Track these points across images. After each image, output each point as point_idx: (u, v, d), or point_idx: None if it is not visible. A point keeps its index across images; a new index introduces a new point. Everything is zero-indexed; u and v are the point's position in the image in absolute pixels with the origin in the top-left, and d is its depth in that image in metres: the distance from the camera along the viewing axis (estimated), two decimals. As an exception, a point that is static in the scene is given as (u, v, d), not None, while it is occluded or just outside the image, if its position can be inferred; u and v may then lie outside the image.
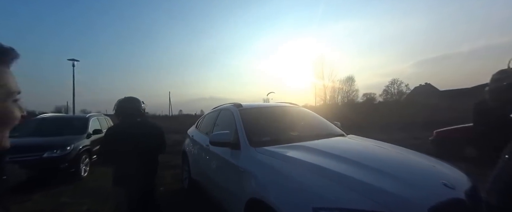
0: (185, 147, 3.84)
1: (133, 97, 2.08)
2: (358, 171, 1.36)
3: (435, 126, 6.40)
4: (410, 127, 11.37)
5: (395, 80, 38.73)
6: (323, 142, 1.99)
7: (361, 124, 11.73)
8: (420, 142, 7.37)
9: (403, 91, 38.48)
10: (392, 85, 39.01)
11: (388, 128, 11.61)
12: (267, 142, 1.95)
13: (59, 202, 3.26)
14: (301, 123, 2.58)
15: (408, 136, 9.17)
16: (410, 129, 10.80)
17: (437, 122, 10.05)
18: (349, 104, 28.76)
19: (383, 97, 39.18)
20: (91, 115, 5.94)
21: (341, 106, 27.09)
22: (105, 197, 3.17)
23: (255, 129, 2.18)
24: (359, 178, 1.28)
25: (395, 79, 38.78)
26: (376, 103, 32.76)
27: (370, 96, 39.61)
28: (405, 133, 9.90)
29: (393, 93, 39.11)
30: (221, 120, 2.79)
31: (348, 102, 33.07)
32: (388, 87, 39.26)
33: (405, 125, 11.98)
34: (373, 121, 13.28)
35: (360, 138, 2.30)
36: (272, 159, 1.66)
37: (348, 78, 36.57)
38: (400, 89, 38.71)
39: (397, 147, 1.99)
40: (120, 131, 1.97)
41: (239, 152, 1.95)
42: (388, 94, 39.46)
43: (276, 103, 3.18)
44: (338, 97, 36.44)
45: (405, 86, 38.31)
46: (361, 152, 1.82)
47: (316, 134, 2.24)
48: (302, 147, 1.80)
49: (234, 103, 2.72)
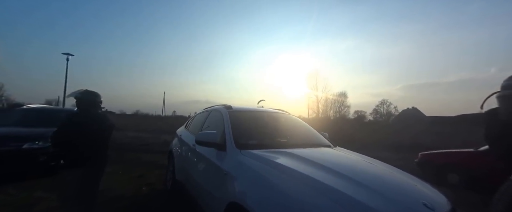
0: (172, 147, 3.76)
1: (91, 91, 2.29)
2: (342, 183, 1.35)
3: (420, 149, 6.54)
4: (397, 147, 11.58)
5: (384, 101, 39.98)
6: (309, 151, 1.98)
7: (350, 139, 11.88)
8: (405, 163, 7.49)
9: (391, 112, 39.65)
10: (382, 105, 40.21)
11: (375, 146, 11.79)
12: (253, 146, 1.93)
13: (32, 196, 3.07)
14: (290, 130, 2.58)
15: (394, 156, 9.32)
16: (396, 150, 11.00)
17: (423, 146, 10.31)
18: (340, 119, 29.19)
19: (373, 116, 40.17)
20: None
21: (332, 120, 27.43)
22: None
23: (242, 131, 2.15)
24: (343, 191, 1.26)
25: (384, 100, 40.10)
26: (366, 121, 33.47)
27: (361, 113, 40.53)
28: (391, 153, 10.07)
29: (382, 113, 40.19)
30: (211, 121, 2.75)
31: (339, 117, 33.59)
32: (378, 107, 40.43)
33: (391, 145, 12.21)
34: (362, 138, 13.47)
35: (346, 151, 2.31)
36: (256, 163, 1.63)
37: (341, 94, 37.37)
38: (389, 110, 39.90)
39: (382, 163, 2.00)
40: (73, 119, 2.18)
41: (225, 154, 1.91)
42: (377, 114, 40.54)
43: (266, 108, 3.17)
44: (330, 111, 37.03)
45: (394, 108, 39.52)
46: (346, 164, 1.81)
47: (303, 143, 2.24)
48: (287, 154, 1.78)
49: (224, 105, 2.70)
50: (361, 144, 11.52)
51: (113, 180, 3.87)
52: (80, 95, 2.21)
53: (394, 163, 2.01)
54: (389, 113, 39.66)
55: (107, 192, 3.22)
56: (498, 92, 0.86)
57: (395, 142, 12.98)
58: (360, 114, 40.26)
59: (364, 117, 39.35)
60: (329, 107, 37.05)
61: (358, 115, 39.88)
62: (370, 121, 36.67)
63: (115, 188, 3.51)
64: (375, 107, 40.47)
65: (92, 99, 2.26)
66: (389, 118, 38.20)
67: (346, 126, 19.19)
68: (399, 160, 8.49)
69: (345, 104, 37.51)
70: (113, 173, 4.37)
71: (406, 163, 6.78)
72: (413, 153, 6.58)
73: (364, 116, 39.88)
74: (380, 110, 40.41)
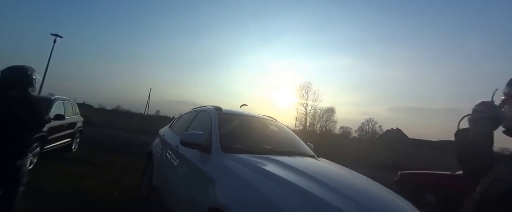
0: (152, 148, 3.54)
1: (18, 66, 1.83)
2: (324, 191, 1.36)
3: (400, 168, 6.73)
4: (378, 165, 11.86)
5: (370, 120, 41.25)
6: (293, 160, 1.98)
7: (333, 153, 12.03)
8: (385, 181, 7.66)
9: (376, 131, 40.80)
10: (367, 123, 41.38)
11: (358, 162, 12.00)
12: (238, 150, 1.91)
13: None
14: (276, 137, 2.59)
15: (376, 173, 9.51)
16: (378, 167, 11.25)
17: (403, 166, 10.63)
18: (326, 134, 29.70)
19: (358, 133, 41.16)
20: (57, 97, 5.18)
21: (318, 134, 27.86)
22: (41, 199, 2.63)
23: (230, 134, 2.13)
24: (325, 199, 1.26)
25: (370, 119, 41.36)
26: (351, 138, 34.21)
27: (346, 129, 41.53)
28: (373, 170, 10.28)
29: (367, 131, 41.30)
30: (198, 122, 2.69)
31: (325, 131, 34.18)
32: (363, 125, 41.55)
33: (374, 162, 12.49)
34: (346, 153, 13.70)
35: (330, 163, 2.33)
36: (240, 168, 1.61)
37: (329, 109, 38.28)
38: (374, 128, 41.07)
39: (364, 176, 2.04)
40: None
41: (209, 156, 1.87)
42: (362, 131, 41.60)
43: (256, 114, 3.16)
44: (317, 125, 37.68)
45: (378, 126, 40.76)
46: (329, 174, 1.83)
47: (289, 151, 2.25)
48: (272, 160, 1.77)
49: (214, 106, 2.66)
50: (344, 159, 11.71)
51: (81, 184, 3.56)
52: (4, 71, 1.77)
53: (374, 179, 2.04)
54: (373, 132, 40.84)
55: (71, 197, 2.93)
56: (469, 115, 0.97)
57: (377, 160, 13.31)
58: (346, 130, 41.29)
59: (349, 133, 40.35)
60: (316, 120, 37.78)
61: (343, 131, 40.88)
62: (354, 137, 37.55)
63: (82, 193, 3.20)
64: (360, 125, 41.63)
65: (14, 78, 1.78)
66: (373, 136, 39.28)
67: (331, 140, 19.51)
68: (380, 178, 8.65)
69: (332, 119, 38.39)
70: (83, 175, 4.05)
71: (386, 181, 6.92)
72: (394, 172, 6.75)
73: (349, 132, 40.90)
74: (365, 128, 41.56)
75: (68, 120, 5.32)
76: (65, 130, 5.24)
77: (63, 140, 5.22)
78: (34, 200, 2.50)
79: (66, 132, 5.33)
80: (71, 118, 5.64)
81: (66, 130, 5.32)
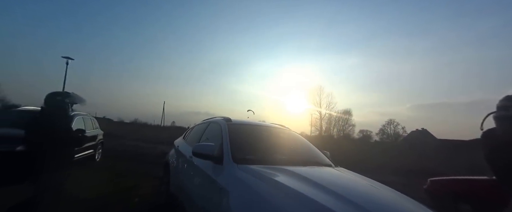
0: (168, 158, 3.69)
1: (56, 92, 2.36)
2: (343, 206, 1.26)
3: (430, 175, 6.20)
4: (404, 171, 11.11)
5: (391, 121, 39.02)
6: (309, 170, 1.90)
7: (354, 160, 11.50)
8: (413, 189, 7.13)
9: (399, 133, 38.52)
10: (389, 125, 39.22)
11: (381, 168, 11.35)
12: (251, 160, 1.87)
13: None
14: (290, 147, 2.52)
15: (402, 180, 8.91)
16: (404, 174, 10.54)
17: (432, 171, 9.86)
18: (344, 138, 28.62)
19: (379, 136, 39.15)
20: (77, 113, 5.59)
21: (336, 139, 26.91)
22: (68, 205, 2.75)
23: (241, 145, 2.11)
24: None
25: (391, 120, 39.09)
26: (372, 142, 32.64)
27: (366, 133, 39.68)
28: (399, 177, 9.64)
29: (389, 133, 39.15)
30: (209, 133, 2.72)
31: (343, 136, 33.00)
32: (384, 127, 39.42)
33: (399, 168, 11.74)
34: (367, 159, 13.02)
35: (349, 172, 2.20)
36: (253, 179, 1.57)
37: (345, 111, 36.91)
38: (397, 130, 38.83)
39: (387, 188, 1.88)
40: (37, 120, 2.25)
41: (221, 168, 1.86)
42: (384, 134, 39.49)
43: (267, 123, 3.12)
44: (334, 129, 36.50)
45: (401, 128, 38.44)
46: (347, 186, 1.71)
47: (303, 160, 2.16)
48: (286, 171, 1.71)
49: (224, 117, 2.68)
50: (366, 166, 11.14)
51: (104, 190, 3.79)
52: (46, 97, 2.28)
53: (400, 188, 1.87)
54: (396, 134, 38.59)
55: (96, 203, 3.12)
56: (494, 113, 0.86)
57: (403, 165, 12.48)
58: (366, 133, 39.49)
59: (370, 137, 38.54)
60: (332, 124, 36.66)
61: (363, 135, 39.13)
62: (376, 141, 35.77)
63: (106, 199, 3.41)
64: (381, 127, 39.56)
65: (55, 100, 2.29)
66: (397, 139, 37.13)
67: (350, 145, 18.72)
68: (406, 185, 8.10)
69: (350, 123, 36.98)
70: (107, 182, 4.29)
71: (413, 190, 6.46)
72: (422, 178, 6.24)
73: (370, 136, 39.07)
74: (387, 130, 39.42)
75: (89, 133, 5.72)
76: (87, 143, 5.60)
77: (86, 152, 5.64)
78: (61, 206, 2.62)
79: (89, 144, 5.73)
80: (92, 131, 6.08)
81: (88, 142, 5.71)
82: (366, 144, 25.49)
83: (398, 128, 38.66)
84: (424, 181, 5.70)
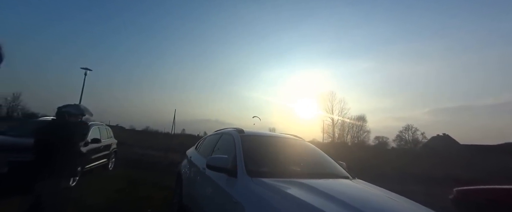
0: (181, 169, 3.70)
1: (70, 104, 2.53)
2: None
3: (455, 183, 5.78)
4: (427, 180, 10.45)
5: (409, 126, 37.26)
6: (325, 183, 1.83)
7: (371, 169, 11.00)
8: (437, 199, 6.67)
9: (418, 139, 36.63)
10: (406, 131, 37.44)
11: (401, 178, 10.75)
12: (265, 173, 1.83)
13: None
14: (304, 158, 2.45)
15: (424, 190, 8.37)
16: (426, 183, 9.91)
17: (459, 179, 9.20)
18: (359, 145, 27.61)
19: (396, 143, 37.45)
20: (93, 123, 5.80)
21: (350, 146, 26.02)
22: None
23: (255, 157, 2.08)
24: None
25: (409, 125, 37.32)
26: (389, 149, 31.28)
27: (382, 140, 38.13)
28: (421, 187, 9.06)
29: (408, 140, 37.35)
30: (222, 144, 2.71)
31: (358, 142, 31.90)
32: (402, 133, 37.68)
33: (420, 177, 11.07)
34: (385, 167, 12.43)
35: (367, 184, 2.09)
36: (268, 193, 1.53)
37: (359, 117, 35.81)
38: (415, 136, 36.96)
39: (409, 201, 1.77)
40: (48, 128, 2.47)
41: (235, 181, 1.83)
42: (402, 140, 37.72)
43: (280, 134, 3.05)
44: (348, 136, 35.40)
45: (421, 134, 36.54)
46: (367, 200, 1.63)
47: (319, 173, 2.10)
48: (302, 185, 1.65)
49: (236, 128, 2.67)
50: (384, 174, 10.61)
51: (117, 199, 3.85)
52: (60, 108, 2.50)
53: (423, 199, 1.74)
54: (415, 140, 36.73)
55: None
56: None
57: (424, 173, 11.79)
58: (382, 140, 37.99)
59: (386, 144, 37.00)
60: (346, 131, 35.64)
61: (379, 142, 37.66)
62: (393, 148, 34.23)
63: (119, 209, 3.46)
64: (398, 133, 37.86)
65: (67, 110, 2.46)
66: (416, 145, 35.34)
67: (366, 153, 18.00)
68: (430, 195, 7.60)
69: (364, 129, 35.79)
70: (119, 191, 4.36)
71: (438, 200, 6.04)
72: (447, 187, 5.82)
73: (386, 142, 37.53)
74: (404, 136, 37.66)
75: (104, 142, 5.90)
76: (101, 152, 5.80)
77: (100, 160, 5.79)
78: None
79: (103, 153, 5.89)
80: (106, 140, 6.23)
81: (102, 151, 5.88)
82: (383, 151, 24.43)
83: (416, 134, 36.82)
84: (449, 190, 5.32)
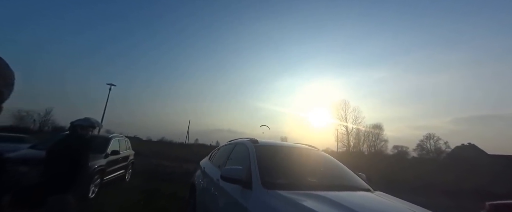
0: (194, 179, 3.67)
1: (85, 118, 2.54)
2: None
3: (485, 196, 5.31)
4: (454, 192, 9.71)
5: (431, 135, 35.29)
6: (345, 196, 1.73)
7: (392, 179, 10.43)
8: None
9: (441, 149, 34.48)
10: (428, 140, 35.44)
11: (426, 188, 10.07)
12: (281, 185, 1.77)
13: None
14: (321, 169, 2.35)
15: (452, 203, 7.77)
16: (453, 195, 9.20)
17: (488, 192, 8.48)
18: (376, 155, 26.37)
19: (417, 152, 35.46)
20: (114, 135, 5.96)
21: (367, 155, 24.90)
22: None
23: (270, 168, 2.02)
24: None
25: (430, 134, 35.36)
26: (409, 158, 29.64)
27: (402, 149, 36.31)
28: (448, 199, 8.42)
29: (430, 149, 35.25)
30: (235, 155, 2.68)
31: (375, 152, 30.53)
32: (423, 142, 35.69)
33: (447, 189, 10.31)
34: (406, 179, 11.73)
35: (390, 197, 1.95)
36: (285, 207, 1.47)
37: (375, 126, 34.52)
38: (438, 145, 34.84)
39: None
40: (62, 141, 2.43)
41: (250, 193, 1.78)
42: (423, 150, 35.68)
43: (294, 143, 2.98)
44: (364, 145, 34.08)
45: (444, 143, 34.43)
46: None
47: (338, 185, 1.99)
48: (320, 198, 1.57)
49: (250, 138, 2.63)
50: (407, 185, 9.99)
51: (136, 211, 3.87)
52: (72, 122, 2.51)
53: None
54: (438, 149, 34.62)
55: None
56: None
57: (451, 185, 10.97)
58: (401, 149, 36.16)
59: (406, 153, 35.13)
60: (361, 140, 34.36)
61: (398, 151, 35.86)
62: (414, 158, 32.40)
63: None
64: (419, 142, 35.92)
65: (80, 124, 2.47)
66: (439, 155, 33.24)
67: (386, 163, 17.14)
68: (458, 208, 7.04)
69: (381, 138, 34.35)
70: (135, 204, 4.41)
71: (469, 215, 5.57)
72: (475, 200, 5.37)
73: (406, 152, 35.64)
74: (426, 145, 35.64)
75: (122, 154, 6.02)
76: (120, 163, 5.90)
77: (118, 172, 5.87)
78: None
79: (121, 164, 5.99)
80: (125, 152, 6.36)
81: (121, 163, 5.98)
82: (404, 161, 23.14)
83: (439, 143, 34.78)
84: (480, 204, 4.89)
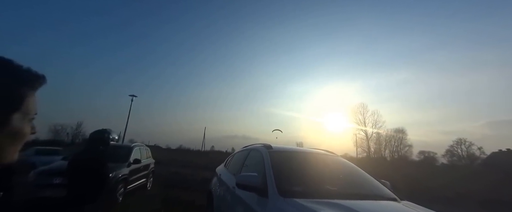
0: (211, 187, 3.67)
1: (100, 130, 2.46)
2: None
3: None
4: (492, 202, 8.75)
5: (462, 140, 32.52)
6: (369, 206, 1.61)
7: (421, 188, 9.67)
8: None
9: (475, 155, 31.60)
10: (458, 145, 32.70)
11: (462, 198, 9.19)
12: (298, 193, 1.69)
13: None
14: (340, 176, 2.22)
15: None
16: (491, 206, 8.29)
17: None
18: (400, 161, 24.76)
19: (447, 159, 32.85)
20: (135, 144, 6.16)
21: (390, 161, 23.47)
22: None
23: (286, 175, 1.96)
24: None
25: (461, 139, 32.59)
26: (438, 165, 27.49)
27: (429, 154, 33.90)
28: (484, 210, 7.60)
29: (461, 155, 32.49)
30: (250, 161, 2.64)
31: (399, 158, 28.75)
32: (453, 148, 33.02)
33: (483, 199, 9.33)
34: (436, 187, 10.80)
35: (419, 208, 1.78)
36: None
37: (398, 130, 32.71)
38: (470, 151, 31.98)
39: None
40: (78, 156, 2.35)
41: (266, 201, 1.72)
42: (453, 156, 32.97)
43: (310, 148, 2.88)
44: (386, 150, 32.31)
45: (478, 149, 31.54)
46: None
47: (360, 193, 1.86)
48: (341, 207, 1.47)
49: (264, 144, 2.59)
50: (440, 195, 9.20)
51: None
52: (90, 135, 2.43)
53: None
54: (470, 155, 31.76)
55: None
56: None
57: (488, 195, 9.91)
58: (428, 155, 33.74)
59: (434, 159, 32.66)
60: (383, 145, 32.65)
61: (424, 156, 33.50)
62: (443, 164, 30.00)
63: None
64: (448, 148, 33.28)
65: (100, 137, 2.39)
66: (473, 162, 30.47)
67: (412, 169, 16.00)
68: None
69: (405, 143, 32.40)
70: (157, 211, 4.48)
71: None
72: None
73: (434, 158, 33.16)
74: (456, 151, 32.91)
75: (143, 162, 6.19)
76: (141, 172, 6.07)
77: (141, 181, 6.04)
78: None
79: (143, 173, 6.15)
80: (146, 160, 6.54)
81: (142, 171, 6.15)
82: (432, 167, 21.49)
83: (472, 149, 31.91)
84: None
